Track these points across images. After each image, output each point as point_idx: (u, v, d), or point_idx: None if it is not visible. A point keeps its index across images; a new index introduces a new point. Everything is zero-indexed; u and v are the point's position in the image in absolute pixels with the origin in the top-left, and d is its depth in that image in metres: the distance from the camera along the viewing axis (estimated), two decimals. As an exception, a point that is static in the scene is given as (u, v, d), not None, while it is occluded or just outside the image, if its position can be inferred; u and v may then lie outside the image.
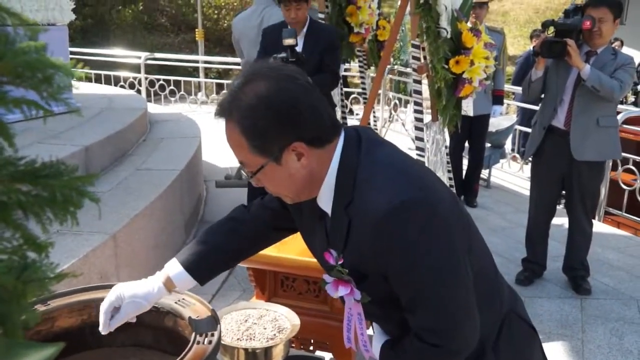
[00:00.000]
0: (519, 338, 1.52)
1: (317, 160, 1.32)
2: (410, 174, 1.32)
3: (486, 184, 6.62)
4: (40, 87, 0.58)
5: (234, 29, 4.55)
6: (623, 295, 3.99)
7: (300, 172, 1.32)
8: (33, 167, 0.58)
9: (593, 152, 3.75)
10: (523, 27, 18.45)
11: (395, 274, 1.31)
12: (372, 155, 1.34)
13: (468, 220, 1.43)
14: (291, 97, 1.26)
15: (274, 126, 1.26)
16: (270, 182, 1.37)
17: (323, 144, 1.32)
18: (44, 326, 1.55)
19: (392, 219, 1.25)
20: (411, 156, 1.49)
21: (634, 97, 9.40)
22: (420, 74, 3.88)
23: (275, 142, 1.28)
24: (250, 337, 1.91)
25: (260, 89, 1.26)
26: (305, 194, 1.39)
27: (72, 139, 4.05)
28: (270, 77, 1.28)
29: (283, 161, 1.30)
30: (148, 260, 3.53)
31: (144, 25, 16.90)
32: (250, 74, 1.30)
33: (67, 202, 0.59)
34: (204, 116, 9.47)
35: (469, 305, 1.34)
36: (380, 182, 1.29)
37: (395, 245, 1.27)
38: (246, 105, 1.26)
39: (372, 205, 1.27)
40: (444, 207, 1.30)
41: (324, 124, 1.32)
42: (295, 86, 1.28)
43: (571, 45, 3.56)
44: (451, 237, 1.30)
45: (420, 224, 1.25)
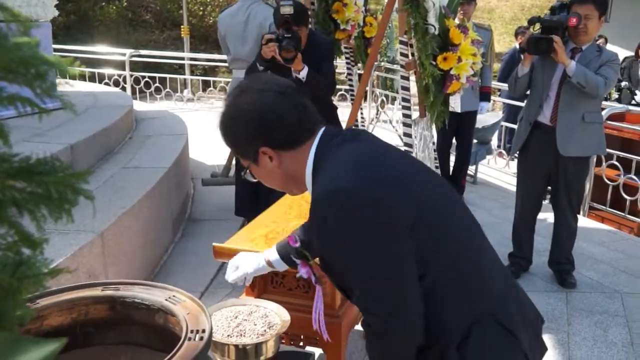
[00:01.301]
0: (493, 344, 1.45)
1: (290, 161, 1.52)
2: (360, 166, 1.43)
3: (473, 180, 6.65)
4: (34, 83, 0.58)
5: (220, 25, 4.54)
6: (607, 288, 4.03)
7: (276, 172, 1.55)
8: (28, 164, 0.58)
9: (578, 147, 3.78)
10: (509, 24, 18.54)
11: (326, 256, 1.51)
12: (338, 149, 1.48)
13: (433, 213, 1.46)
14: (256, 110, 1.49)
15: (242, 135, 1.53)
16: (260, 178, 1.61)
17: (293, 146, 1.51)
18: (33, 325, 1.54)
19: (318, 207, 1.43)
20: (391, 148, 1.59)
21: (617, 93, 9.47)
22: (408, 70, 3.89)
23: (247, 147, 1.53)
24: (241, 334, 1.91)
25: (234, 106, 1.54)
26: (295, 188, 1.61)
27: (58, 137, 4.02)
28: (246, 91, 1.53)
29: (260, 163, 1.54)
30: (136, 259, 3.52)
31: (129, 21, 16.76)
32: (235, 91, 1.57)
33: (62, 199, 0.59)
34: (191, 113, 9.44)
35: (399, 289, 1.39)
36: (327, 172, 1.46)
37: (320, 231, 1.46)
38: (223, 120, 1.57)
39: (313, 194, 1.46)
40: (375, 198, 1.38)
41: (290, 130, 1.50)
42: (263, 100, 1.50)
43: (557, 42, 3.58)
44: (376, 224, 1.37)
45: (341, 212, 1.38)
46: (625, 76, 9.31)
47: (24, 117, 0.70)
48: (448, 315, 1.44)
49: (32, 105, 0.60)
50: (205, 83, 11.75)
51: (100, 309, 1.66)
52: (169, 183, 4.25)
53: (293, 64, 3.64)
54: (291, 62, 3.62)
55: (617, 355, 3.23)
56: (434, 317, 1.43)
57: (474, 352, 1.43)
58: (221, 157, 5.75)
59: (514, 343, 1.47)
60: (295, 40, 3.60)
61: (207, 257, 3.90)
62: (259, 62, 3.78)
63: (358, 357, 3.10)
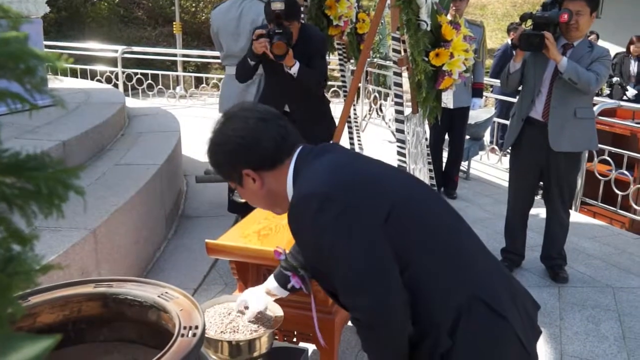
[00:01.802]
0: (483, 325, 1.48)
1: (272, 180, 1.65)
2: (329, 172, 1.55)
3: (465, 175, 6.67)
4: (23, 79, 0.58)
5: (213, 21, 4.53)
6: (599, 283, 4.06)
7: (260, 192, 1.67)
8: (17, 159, 0.58)
9: (570, 143, 3.79)
10: (501, 20, 18.57)
11: (309, 259, 1.65)
12: (315, 161, 1.61)
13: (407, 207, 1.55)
14: (238, 137, 1.62)
15: (227, 161, 1.67)
16: (246, 199, 1.75)
17: (274, 166, 1.63)
18: (25, 322, 1.54)
19: (292, 212, 1.55)
20: (362, 157, 1.73)
21: (608, 89, 9.50)
22: (400, 66, 3.89)
23: (231, 171, 1.67)
24: (234, 330, 1.91)
25: (219, 133, 1.67)
26: (279, 207, 1.71)
27: (50, 134, 4.01)
28: (230, 119, 1.67)
29: (244, 184, 1.67)
30: (129, 256, 3.51)
31: (120, 18, 16.70)
32: (220, 120, 1.70)
33: (52, 194, 0.59)
34: (183, 110, 9.42)
35: (379, 282, 1.45)
36: (298, 184, 1.59)
37: (298, 240, 1.60)
38: (211, 147, 1.69)
39: (290, 203, 1.58)
40: (344, 198, 1.49)
41: (269, 152, 1.62)
42: (245, 126, 1.63)
43: (549, 38, 3.59)
44: (344, 223, 1.47)
45: (313, 214, 1.48)
46: (617, 72, 9.33)
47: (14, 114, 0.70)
48: (435, 304, 1.49)
49: (21, 100, 0.59)
50: (198, 80, 11.72)
51: (92, 306, 1.65)
52: (161, 180, 4.24)
53: (284, 60, 3.64)
54: (282, 59, 3.62)
55: (609, 349, 3.25)
56: (422, 308, 1.48)
57: (465, 336, 1.46)
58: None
59: (503, 323, 1.50)
60: (286, 35, 3.59)
61: (200, 254, 3.92)
62: (250, 57, 3.77)
63: (351, 353, 3.11)
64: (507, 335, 1.51)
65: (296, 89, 3.86)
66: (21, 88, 0.59)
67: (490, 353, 1.49)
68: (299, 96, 3.92)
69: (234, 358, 1.87)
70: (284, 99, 3.93)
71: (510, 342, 1.51)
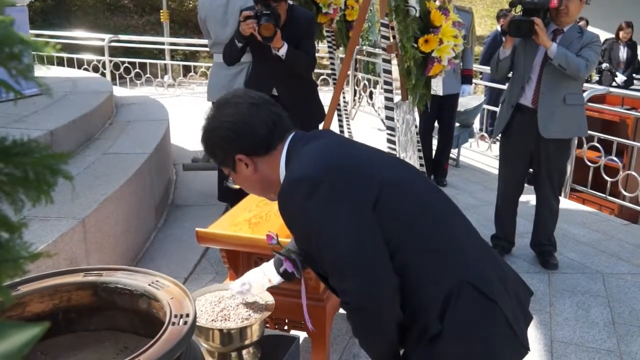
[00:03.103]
0: (472, 309, 1.48)
1: (265, 165, 1.66)
2: (319, 157, 1.56)
3: (455, 163, 6.68)
4: (9, 64, 0.56)
5: (200, 9, 4.48)
6: (589, 269, 4.08)
7: (253, 177, 1.68)
8: (4, 145, 0.57)
9: (560, 129, 3.80)
10: (490, 7, 18.56)
11: (300, 243, 1.66)
12: (304, 147, 1.62)
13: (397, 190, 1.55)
14: (231, 122, 1.64)
15: (219, 145, 1.68)
16: (240, 185, 1.76)
17: (267, 152, 1.65)
18: (14, 312, 1.53)
19: (282, 197, 1.56)
20: (350, 142, 1.75)
21: (598, 75, 9.54)
22: (389, 52, 3.87)
23: (225, 157, 1.68)
24: (225, 318, 1.90)
25: (212, 120, 1.69)
26: (273, 194, 1.69)
27: (37, 123, 3.97)
28: (223, 107, 1.68)
29: (237, 170, 1.69)
30: (118, 245, 3.49)
31: (107, 6, 16.53)
32: (214, 106, 1.72)
33: (40, 180, 0.58)
34: (171, 99, 9.37)
35: (368, 264, 1.45)
36: (290, 167, 1.60)
37: (288, 223, 1.60)
38: (204, 133, 1.70)
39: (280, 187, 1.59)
40: (333, 182, 1.49)
41: (261, 138, 1.64)
42: (238, 112, 1.65)
43: (538, 24, 3.59)
44: (332, 205, 1.48)
45: (303, 198, 1.49)
46: (606, 58, 9.37)
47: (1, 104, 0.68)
48: (425, 289, 1.49)
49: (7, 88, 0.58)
50: (186, 68, 11.65)
51: (82, 295, 1.64)
52: (150, 169, 4.21)
53: (272, 42, 3.61)
54: (270, 41, 3.59)
55: (598, 335, 3.28)
56: (412, 294, 1.48)
57: (454, 319, 1.47)
58: (203, 142, 5.70)
59: (493, 307, 1.50)
60: (274, 16, 3.56)
61: (190, 243, 3.90)
62: (237, 38, 3.73)
63: (342, 340, 3.12)
64: (496, 320, 1.51)
65: (284, 72, 3.83)
66: (6, 74, 0.58)
67: (479, 337, 1.49)
68: (287, 79, 3.89)
69: (225, 346, 1.87)
70: (272, 82, 3.90)
71: (499, 327, 1.51)
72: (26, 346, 0.48)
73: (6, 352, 0.49)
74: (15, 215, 0.61)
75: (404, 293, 1.48)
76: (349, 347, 3.07)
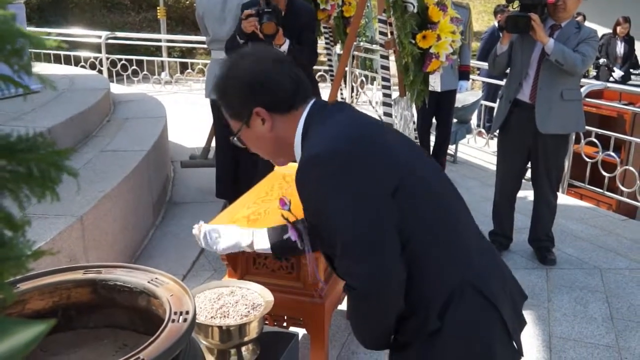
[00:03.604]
0: (473, 311, 1.48)
1: (282, 126, 1.56)
2: (339, 132, 1.50)
3: (453, 159, 6.68)
4: (11, 60, 0.56)
5: (198, 5, 4.48)
6: (587, 264, 4.09)
7: (267, 135, 1.57)
8: (8, 142, 0.56)
9: (557, 125, 3.80)
10: (487, 2, 18.54)
11: (313, 219, 1.56)
12: (325, 119, 1.54)
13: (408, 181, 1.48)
14: (254, 71, 1.54)
15: (239, 95, 1.56)
16: (249, 144, 1.63)
17: (287, 110, 1.55)
18: (14, 309, 1.52)
19: (301, 171, 1.48)
20: (373, 120, 1.66)
21: (595, 71, 9.54)
22: (387, 49, 3.87)
23: (242, 108, 1.56)
24: (224, 315, 1.90)
25: (231, 68, 1.58)
26: (283, 156, 1.64)
27: (34, 120, 3.96)
28: (245, 57, 1.58)
29: (251, 125, 1.56)
30: (117, 242, 3.49)
31: (104, 3, 16.47)
32: (234, 56, 1.62)
33: (45, 177, 0.58)
34: (169, 96, 9.35)
35: (382, 252, 1.41)
36: (311, 140, 1.52)
37: (304, 197, 1.51)
38: (222, 80, 1.58)
39: (298, 162, 1.51)
40: (353, 161, 1.43)
41: (285, 94, 1.54)
42: (260, 63, 1.55)
43: (535, 20, 3.59)
44: (356, 188, 1.42)
45: (320, 176, 1.44)
46: (603, 53, 9.38)
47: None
48: (429, 283, 1.47)
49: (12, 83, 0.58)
50: (183, 65, 11.63)
51: (82, 292, 1.64)
52: (148, 166, 4.21)
53: (274, 40, 3.63)
54: (272, 39, 3.62)
55: (597, 330, 3.29)
56: (416, 286, 1.46)
57: (454, 320, 1.45)
58: (200, 139, 5.71)
59: (493, 312, 1.50)
60: (275, 14, 3.59)
61: (188, 240, 3.90)
62: (239, 35, 3.75)
63: (341, 336, 3.12)
64: (495, 324, 1.50)
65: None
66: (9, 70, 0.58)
67: (478, 340, 1.48)
68: None
69: (224, 343, 1.87)
70: None
71: (497, 331, 1.51)
72: (32, 343, 0.48)
73: (12, 349, 0.48)
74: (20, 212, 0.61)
75: (408, 285, 1.45)
76: (348, 344, 3.08)
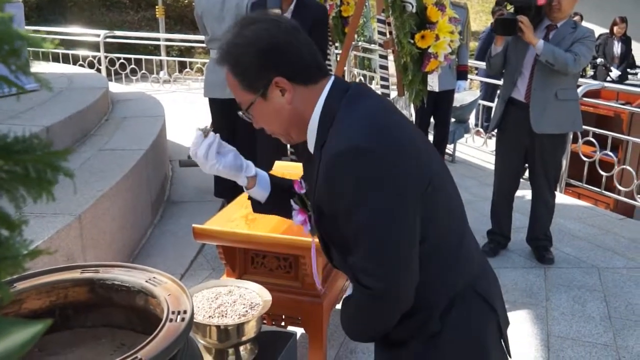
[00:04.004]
0: (473, 314, 1.49)
1: (301, 98, 1.42)
2: (376, 123, 1.39)
3: (451, 158, 6.69)
4: (9, 60, 0.56)
5: (197, 5, 4.48)
6: (584, 263, 4.10)
7: (285, 108, 1.42)
8: (5, 142, 0.57)
9: (552, 125, 3.81)
10: (485, 2, 18.54)
11: (339, 214, 1.40)
12: (353, 104, 1.42)
13: (436, 181, 1.43)
14: (272, 36, 1.38)
15: (256, 62, 1.38)
16: (261, 119, 1.47)
17: (307, 83, 1.42)
18: (11, 309, 1.52)
19: (337, 163, 1.34)
20: (397, 111, 1.57)
21: (592, 70, 9.56)
22: (386, 48, 3.88)
23: (259, 77, 1.39)
24: (222, 314, 1.90)
25: (246, 33, 1.39)
26: (295, 133, 1.49)
27: (32, 119, 3.96)
28: (256, 22, 1.41)
29: (269, 97, 1.41)
30: (115, 241, 3.49)
31: (102, 2, 16.46)
32: (242, 20, 1.44)
33: (42, 178, 0.58)
34: (167, 95, 9.34)
35: (406, 255, 1.37)
36: (345, 127, 1.38)
37: (337, 188, 1.37)
38: (233, 46, 1.40)
39: (332, 147, 1.36)
40: (396, 160, 1.35)
41: (306, 63, 1.41)
42: (278, 29, 1.39)
43: (523, 22, 3.60)
44: (394, 190, 1.34)
45: (362, 170, 1.33)
46: (600, 53, 9.39)
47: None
48: (435, 285, 1.45)
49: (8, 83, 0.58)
50: (182, 64, 11.62)
51: (79, 292, 1.64)
52: (146, 165, 4.21)
53: None
54: None
55: (595, 329, 3.29)
56: (422, 286, 1.43)
57: (455, 321, 1.46)
58: (199, 138, 5.70)
59: (492, 314, 1.52)
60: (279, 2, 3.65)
61: (186, 240, 3.90)
62: None
63: (339, 335, 3.12)
64: (493, 327, 1.53)
65: None
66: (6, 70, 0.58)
67: (477, 342, 1.50)
68: None
69: (222, 342, 1.87)
70: None
71: (495, 335, 1.54)
72: (29, 343, 0.48)
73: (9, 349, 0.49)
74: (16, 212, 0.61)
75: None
76: (346, 343, 3.08)
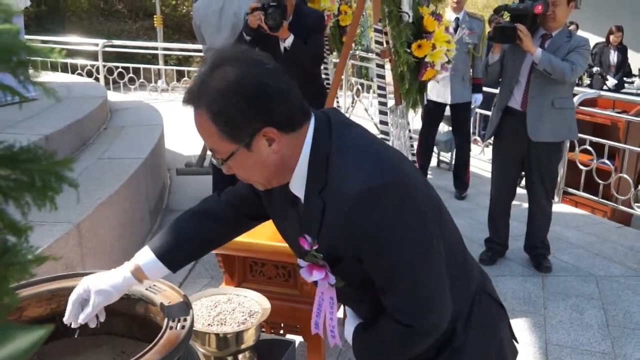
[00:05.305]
0: (489, 315, 1.54)
1: (288, 146, 1.30)
2: (382, 158, 1.32)
3: (449, 167, 6.70)
4: (17, 71, 0.58)
5: (195, 14, 4.50)
6: (582, 272, 4.11)
7: (271, 158, 1.30)
8: (11, 152, 0.58)
9: (548, 133, 3.83)
10: (481, 11, 18.62)
11: (369, 258, 1.31)
12: (344, 139, 1.34)
13: (439, 202, 1.44)
14: (260, 82, 1.24)
15: (243, 112, 1.24)
16: (241, 169, 1.35)
17: (293, 129, 1.30)
18: (12, 316, 1.53)
19: (365, 203, 1.24)
20: (377, 137, 1.51)
21: (589, 79, 9.59)
22: (383, 58, 3.90)
23: (245, 127, 1.25)
24: (221, 322, 1.91)
25: (228, 74, 1.24)
26: (277, 179, 1.37)
27: (32, 128, 3.97)
28: (238, 62, 1.26)
29: (254, 147, 1.27)
30: (114, 250, 3.50)
31: (101, 11, 16.57)
32: (218, 59, 1.28)
33: (46, 186, 0.59)
34: (165, 104, 9.35)
35: (441, 286, 1.35)
36: (353, 166, 1.28)
37: (367, 230, 1.27)
38: (215, 91, 1.24)
39: (346, 190, 1.26)
40: (415, 190, 1.31)
41: (293, 108, 1.29)
42: (263, 71, 1.26)
43: (522, 30, 3.62)
44: (423, 220, 1.31)
45: (392, 208, 1.25)
46: (597, 62, 9.43)
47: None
48: (455, 299, 1.42)
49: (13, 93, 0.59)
50: (180, 73, 11.65)
51: (80, 300, 1.65)
52: (145, 174, 4.22)
53: (279, 32, 3.71)
54: (277, 30, 3.70)
55: (593, 338, 3.30)
56: None
57: (476, 322, 1.49)
58: (196, 147, 5.72)
59: (502, 311, 1.60)
60: (280, 8, 3.68)
61: (185, 248, 3.90)
62: (246, 31, 3.83)
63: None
64: (506, 325, 1.61)
65: (290, 68, 3.89)
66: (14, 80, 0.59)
67: (499, 343, 1.56)
68: (293, 76, 3.95)
69: (221, 350, 1.88)
70: None
71: (507, 330, 1.61)
72: (32, 349, 0.49)
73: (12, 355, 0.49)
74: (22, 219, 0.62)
75: None
76: (344, 352, 3.08)
